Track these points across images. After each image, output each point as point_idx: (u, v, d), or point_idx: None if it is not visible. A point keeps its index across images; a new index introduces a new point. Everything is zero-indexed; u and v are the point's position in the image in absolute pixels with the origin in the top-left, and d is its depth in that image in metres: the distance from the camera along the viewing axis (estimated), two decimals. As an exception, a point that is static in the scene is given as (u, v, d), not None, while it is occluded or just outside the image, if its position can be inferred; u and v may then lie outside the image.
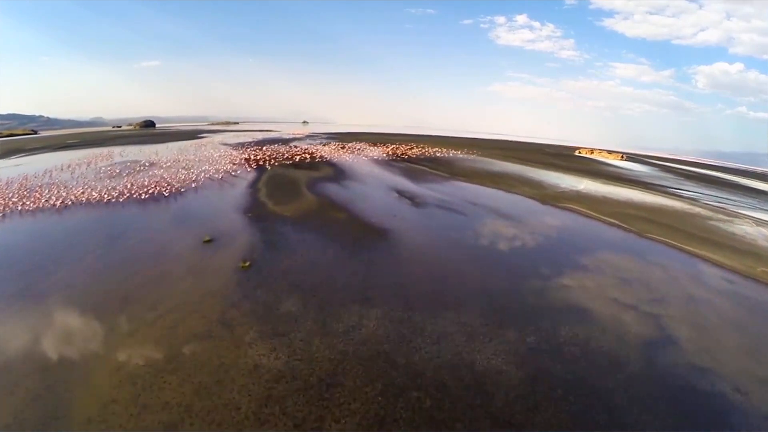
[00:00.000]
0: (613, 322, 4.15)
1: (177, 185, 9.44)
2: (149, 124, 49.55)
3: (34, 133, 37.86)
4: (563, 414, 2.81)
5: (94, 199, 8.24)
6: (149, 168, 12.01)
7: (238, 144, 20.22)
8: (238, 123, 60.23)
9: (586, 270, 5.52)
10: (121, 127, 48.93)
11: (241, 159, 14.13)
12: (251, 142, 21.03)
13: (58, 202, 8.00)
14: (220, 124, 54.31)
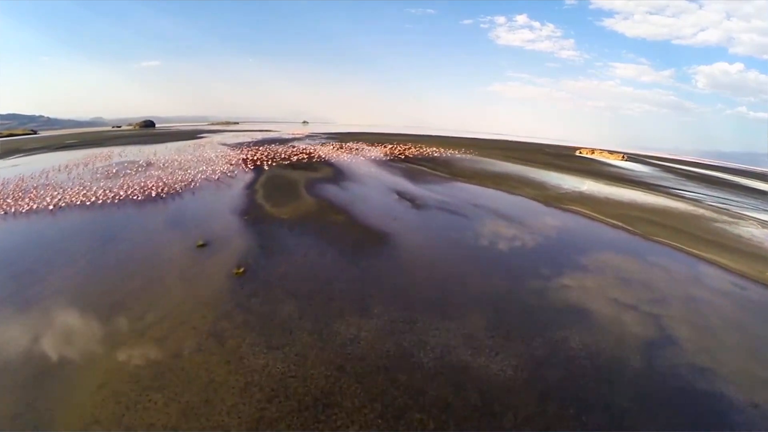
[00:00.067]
0: (628, 330, 3.96)
1: (173, 186, 9.27)
2: (149, 124, 49.45)
3: (33, 133, 37.76)
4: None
5: (89, 200, 8.10)
6: (146, 169, 11.84)
7: (237, 144, 20.06)
8: (238, 123, 60.10)
9: (595, 276, 5.32)
10: (120, 127, 48.82)
11: (239, 159, 13.95)
12: (250, 143, 20.86)
13: (52, 203, 7.86)
14: (220, 124, 54.16)
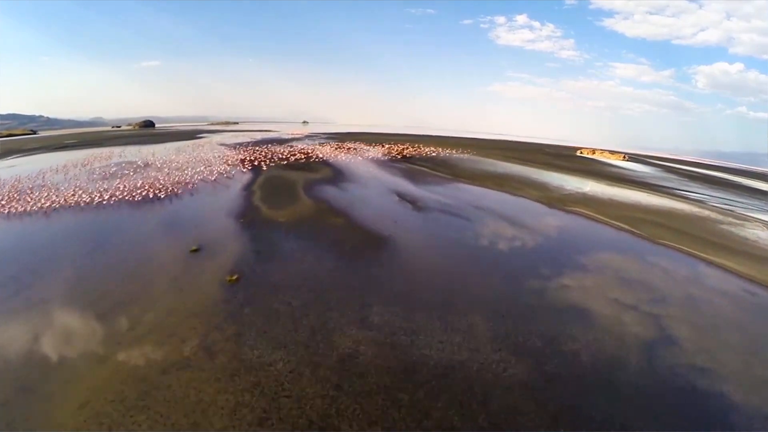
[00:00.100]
0: (639, 334, 3.77)
1: (169, 188, 9.09)
2: (149, 124, 49.33)
3: (33, 134, 37.65)
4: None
5: (84, 202, 7.95)
6: (143, 169, 11.66)
7: (236, 144, 19.89)
8: (237, 123, 59.96)
9: (606, 281, 5.12)
10: (120, 127, 48.70)
11: (237, 160, 13.78)
12: (249, 143, 20.69)
13: (46, 205, 7.73)
14: (219, 124, 54.00)
